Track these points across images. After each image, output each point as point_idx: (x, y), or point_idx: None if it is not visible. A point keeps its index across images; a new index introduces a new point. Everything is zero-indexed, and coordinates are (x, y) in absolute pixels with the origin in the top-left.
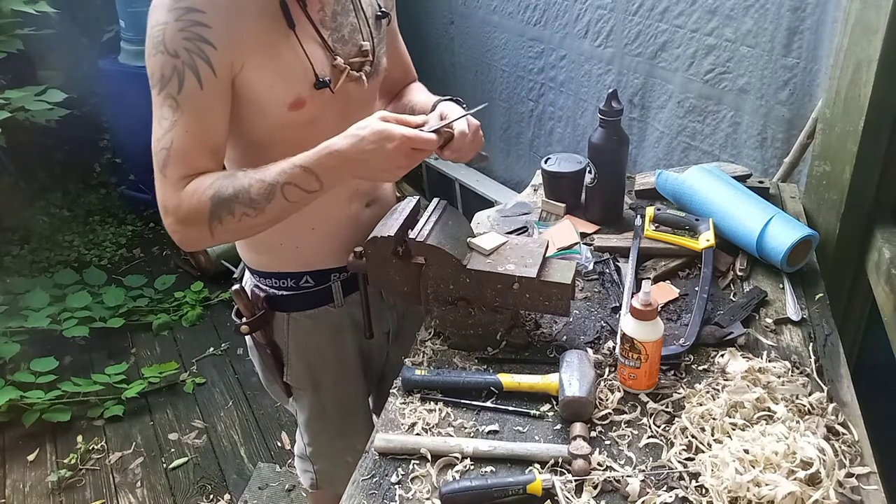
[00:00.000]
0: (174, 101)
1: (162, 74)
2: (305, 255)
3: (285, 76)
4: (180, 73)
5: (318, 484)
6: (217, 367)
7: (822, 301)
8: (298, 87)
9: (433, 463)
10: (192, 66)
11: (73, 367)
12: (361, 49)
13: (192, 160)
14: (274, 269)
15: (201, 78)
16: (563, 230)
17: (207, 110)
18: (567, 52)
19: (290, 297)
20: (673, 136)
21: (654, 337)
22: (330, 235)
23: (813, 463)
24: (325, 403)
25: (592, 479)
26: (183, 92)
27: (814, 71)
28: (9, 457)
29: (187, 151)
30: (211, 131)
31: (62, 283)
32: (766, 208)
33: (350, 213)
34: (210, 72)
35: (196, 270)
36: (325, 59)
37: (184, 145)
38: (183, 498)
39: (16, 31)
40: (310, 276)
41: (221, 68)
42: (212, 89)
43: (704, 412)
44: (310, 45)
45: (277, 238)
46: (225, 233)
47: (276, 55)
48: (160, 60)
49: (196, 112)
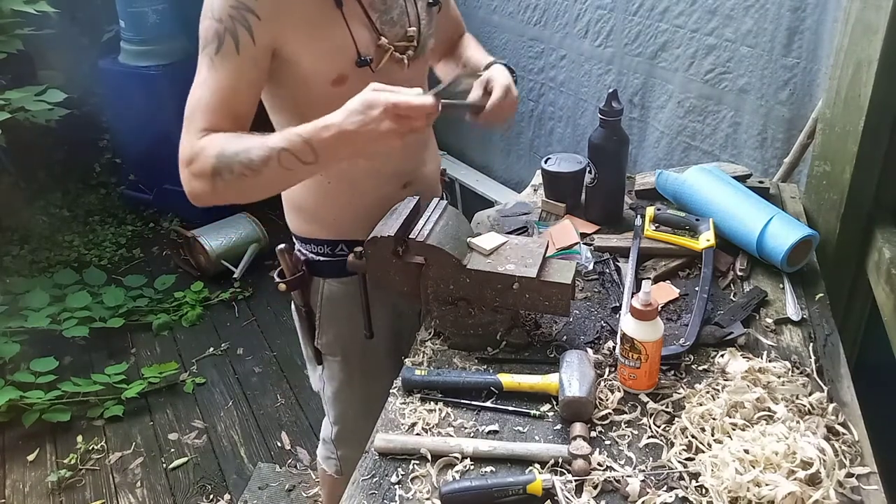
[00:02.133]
0: (210, 61)
1: (205, 37)
2: (341, 225)
3: (329, 53)
4: (220, 36)
5: (342, 470)
6: (217, 367)
7: (822, 301)
8: (341, 64)
9: (433, 463)
10: (233, 31)
11: (73, 368)
12: (407, 34)
13: (214, 117)
14: (313, 235)
15: (239, 43)
16: (563, 230)
17: (240, 74)
18: (567, 52)
19: (326, 262)
20: (673, 136)
21: (654, 337)
22: (364, 211)
23: (813, 463)
24: (352, 374)
25: (592, 479)
26: (220, 53)
27: (814, 71)
28: (9, 457)
29: (211, 107)
30: (239, 95)
31: (62, 283)
32: (766, 208)
33: (385, 192)
34: (249, 39)
35: (196, 270)
36: (369, 38)
37: (210, 101)
38: (183, 498)
39: (16, 31)
40: (344, 244)
41: (261, 38)
42: (247, 56)
43: (704, 412)
44: (355, 25)
45: (316, 207)
46: (225, 190)
47: (320, 32)
48: (206, 25)
49: (228, 73)
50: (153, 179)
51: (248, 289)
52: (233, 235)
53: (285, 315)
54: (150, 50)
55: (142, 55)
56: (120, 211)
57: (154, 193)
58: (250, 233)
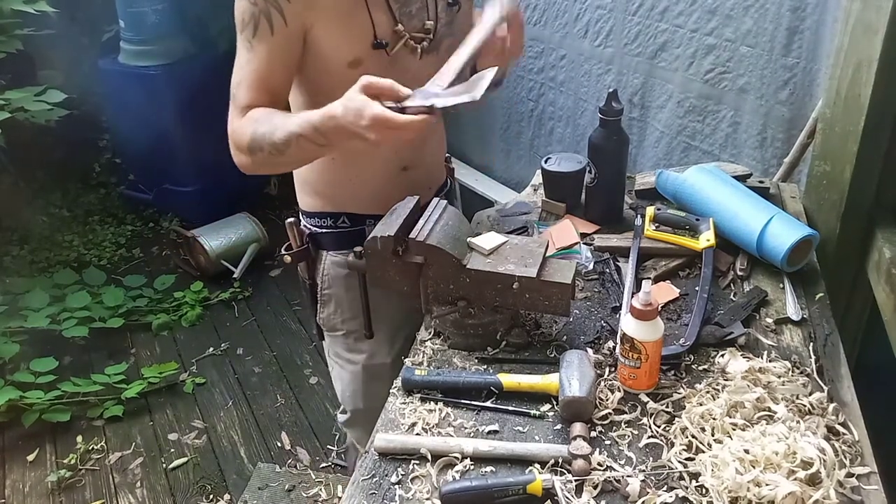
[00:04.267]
0: (248, 44)
1: (242, 19)
2: (343, 199)
3: (349, 36)
4: (256, 18)
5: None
6: (217, 368)
7: (822, 301)
8: (358, 48)
9: (433, 463)
10: (266, 14)
11: (73, 368)
12: (424, 27)
13: (255, 94)
14: (317, 208)
15: (273, 25)
16: (563, 230)
17: (275, 54)
18: (567, 52)
19: (328, 234)
20: (673, 135)
21: (654, 337)
22: (367, 187)
23: (813, 463)
24: (352, 350)
25: (592, 479)
26: (257, 35)
27: (814, 71)
28: (8, 457)
29: (251, 86)
30: (276, 73)
31: (62, 284)
32: (766, 208)
33: (383, 173)
34: (282, 21)
35: (196, 270)
36: (387, 24)
37: (250, 80)
38: (183, 498)
39: (15, 31)
40: (346, 216)
41: (293, 19)
42: (281, 37)
43: (705, 412)
44: (376, 11)
45: (320, 181)
46: (261, 164)
47: (344, 16)
48: (242, 7)
49: (265, 54)
50: (153, 179)
51: (247, 289)
52: (232, 235)
53: (285, 315)
54: (150, 50)
55: (141, 55)
56: (120, 211)
57: (154, 193)
58: (250, 233)
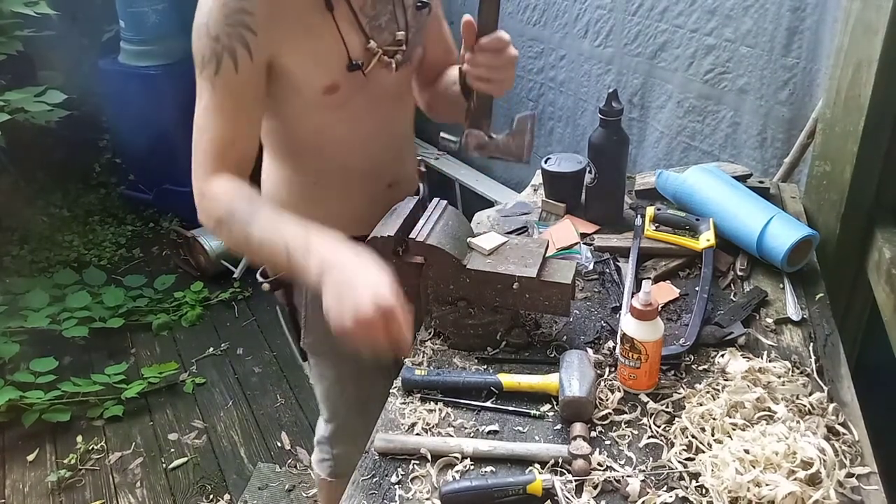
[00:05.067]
0: (210, 84)
1: (202, 56)
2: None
3: (321, 60)
4: (219, 55)
5: (337, 471)
6: (217, 368)
7: (822, 301)
8: (333, 72)
9: (433, 463)
10: (231, 50)
11: (73, 368)
12: (396, 38)
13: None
14: None
15: (238, 62)
16: (563, 230)
17: (241, 93)
18: (567, 52)
19: None
20: (673, 136)
21: (654, 337)
22: (349, 208)
23: (813, 463)
24: (342, 371)
25: (592, 480)
26: (219, 74)
27: (814, 71)
28: (8, 457)
29: (221, 134)
30: (242, 112)
31: (62, 284)
32: (766, 208)
33: (370, 191)
34: (247, 56)
35: (196, 271)
36: (359, 43)
37: (217, 126)
38: (183, 498)
39: (15, 32)
40: None
41: (258, 53)
42: (246, 73)
43: (705, 412)
44: (346, 28)
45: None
46: (225, 237)
47: (312, 38)
48: (202, 44)
49: (230, 94)
50: (153, 179)
51: (247, 289)
52: None
53: None
54: (150, 50)
55: (142, 55)
56: (120, 211)
57: (154, 193)
58: None
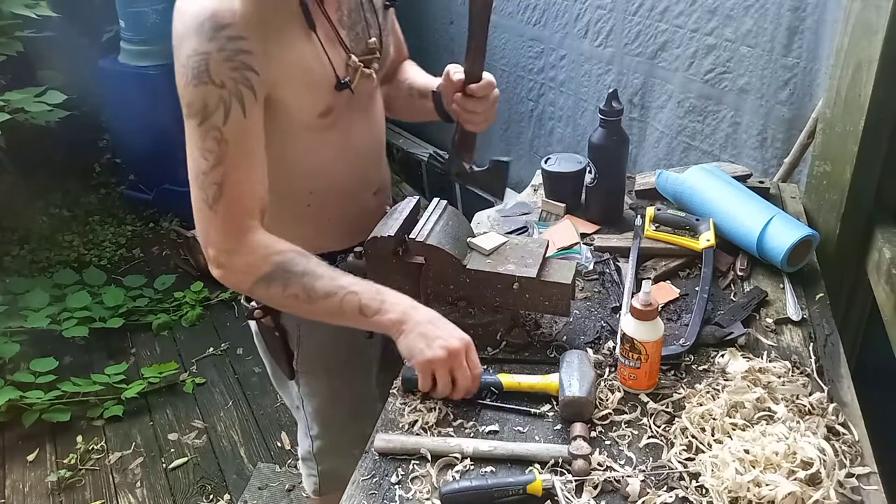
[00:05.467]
0: (219, 133)
1: (205, 104)
2: (319, 239)
3: (313, 87)
4: (227, 103)
5: (322, 488)
6: (217, 368)
7: (822, 301)
8: (325, 95)
9: (433, 463)
10: (238, 95)
11: (73, 368)
12: (369, 46)
13: (247, 197)
14: None
15: (245, 106)
16: (563, 230)
17: (251, 137)
18: (567, 52)
19: None
20: (673, 136)
21: (654, 337)
22: (340, 221)
23: (813, 463)
24: (338, 387)
25: (592, 480)
26: (229, 123)
27: (814, 71)
28: (8, 457)
29: (241, 188)
30: (256, 157)
31: (62, 284)
32: (766, 208)
33: (360, 201)
34: (252, 97)
35: (196, 271)
36: (341, 60)
37: (237, 180)
38: (183, 498)
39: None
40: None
41: (261, 91)
42: (252, 114)
43: (705, 412)
44: (329, 47)
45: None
46: (264, 296)
47: (303, 65)
48: (204, 91)
49: (241, 142)
50: (153, 179)
51: None
52: None
53: None
54: (150, 50)
55: (142, 55)
56: (120, 211)
57: (154, 193)
58: None
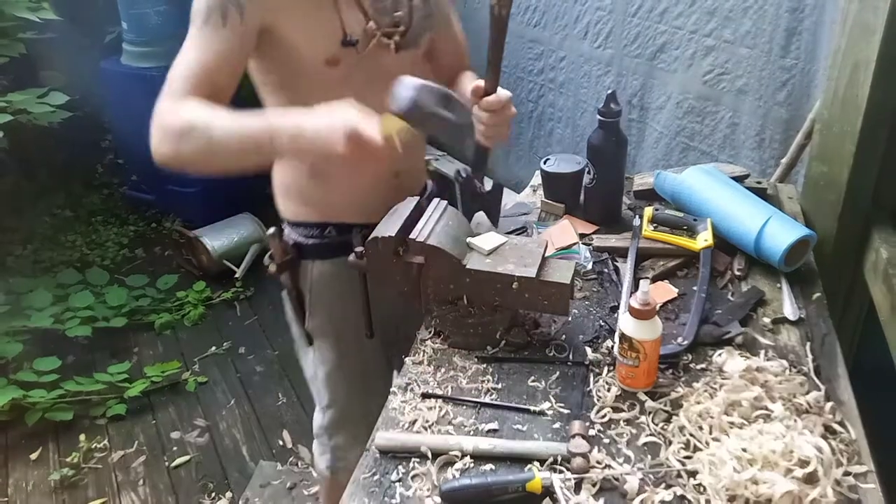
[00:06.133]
0: (197, 31)
1: (195, 10)
2: (332, 208)
3: (316, 35)
4: (211, 10)
5: (336, 464)
6: (219, 366)
7: (819, 301)
8: (331, 45)
9: (433, 461)
10: (223, 7)
11: (76, 367)
12: (394, 18)
13: (194, 86)
14: (302, 218)
15: (228, 18)
16: (562, 230)
17: (222, 46)
18: (566, 54)
19: (314, 245)
20: (671, 136)
21: (652, 336)
22: (356, 194)
23: (810, 461)
24: (345, 354)
25: (591, 477)
26: (206, 25)
27: (812, 72)
28: (11, 456)
29: (192, 76)
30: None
31: (65, 283)
32: (763, 209)
33: (380, 177)
34: (237, 16)
35: (198, 270)
36: (357, 21)
37: (191, 69)
38: (185, 496)
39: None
40: (333, 227)
41: (251, 17)
42: (233, 31)
43: (702, 411)
44: (347, 8)
45: (307, 189)
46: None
47: (310, 14)
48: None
49: (211, 44)
50: (155, 180)
51: (249, 288)
52: (234, 235)
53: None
54: (153, 51)
55: (144, 56)
56: (122, 211)
57: (156, 194)
58: (252, 233)
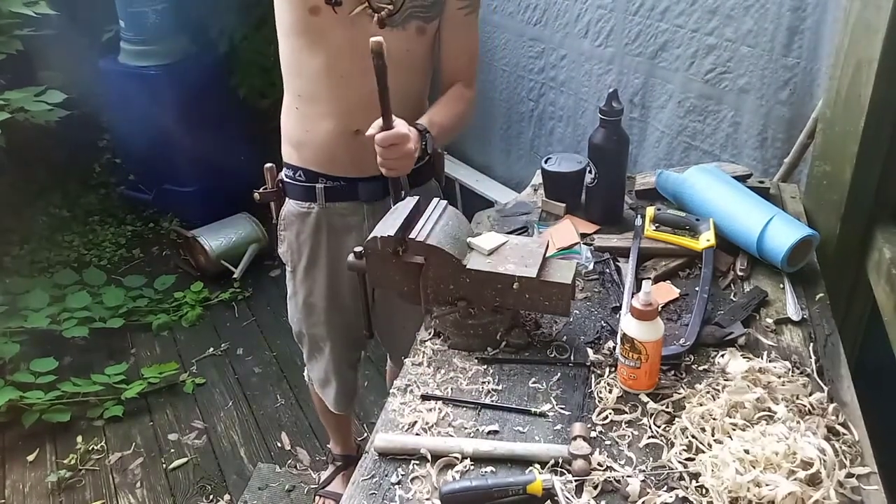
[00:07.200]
0: None
1: None
2: (303, 155)
3: None
4: None
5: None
6: (217, 368)
7: (822, 301)
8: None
9: (433, 463)
10: None
11: (73, 368)
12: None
13: None
14: (286, 159)
15: None
16: (564, 230)
17: None
18: (567, 52)
19: (289, 184)
20: (673, 135)
21: (654, 337)
22: (319, 146)
23: (813, 463)
24: (298, 286)
25: (593, 480)
26: None
27: (814, 71)
28: (8, 457)
29: None
30: None
31: (62, 284)
32: (766, 208)
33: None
34: None
35: (196, 271)
36: None
37: None
38: (183, 498)
39: (15, 31)
40: (302, 171)
41: None
42: None
43: (705, 412)
44: None
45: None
46: None
47: None
48: None
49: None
50: (153, 180)
51: (247, 289)
52: (233, 235)
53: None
54: (150, 50)
55: (142, 55)
56: (120, 211)
57: (154, 194)
58: (250, 233)
